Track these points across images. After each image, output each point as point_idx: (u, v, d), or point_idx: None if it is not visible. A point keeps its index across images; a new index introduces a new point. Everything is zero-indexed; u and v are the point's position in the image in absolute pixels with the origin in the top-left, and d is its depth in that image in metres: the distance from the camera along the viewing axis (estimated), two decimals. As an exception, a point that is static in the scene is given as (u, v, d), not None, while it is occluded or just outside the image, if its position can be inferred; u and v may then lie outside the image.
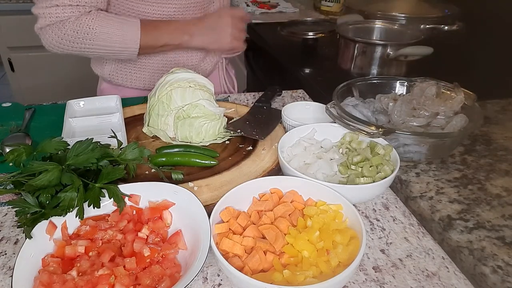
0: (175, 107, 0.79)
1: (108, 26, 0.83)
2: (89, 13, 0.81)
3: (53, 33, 0.82)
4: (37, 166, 0.56)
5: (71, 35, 0.81)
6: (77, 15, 0.80)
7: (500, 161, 0.79)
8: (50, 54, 0.91)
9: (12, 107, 0.96)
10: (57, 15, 0.79)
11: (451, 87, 0.83)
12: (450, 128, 0.75)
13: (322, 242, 0.53)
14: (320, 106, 0.89)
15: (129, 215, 0.58)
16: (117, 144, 0.68)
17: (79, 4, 0.80)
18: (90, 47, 0.84)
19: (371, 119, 0.81)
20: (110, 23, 0.83)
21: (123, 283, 0.48)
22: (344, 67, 1.26)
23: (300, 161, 0.70)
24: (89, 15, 0.81)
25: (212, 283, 0.53)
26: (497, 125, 0.93)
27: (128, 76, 1.05)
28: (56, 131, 0.79)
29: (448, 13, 1.38)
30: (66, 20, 0.80)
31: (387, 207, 0.68)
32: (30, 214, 0.54)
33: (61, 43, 0.83)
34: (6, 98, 1.83)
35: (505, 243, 0.59)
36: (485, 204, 0.68)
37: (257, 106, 0.93)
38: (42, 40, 0.85)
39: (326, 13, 2.00)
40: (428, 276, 0.55)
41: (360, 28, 1.30)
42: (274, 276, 0.49)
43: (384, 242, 0.61)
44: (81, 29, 0.80)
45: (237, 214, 0.58)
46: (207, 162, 0.73)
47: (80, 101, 0.92)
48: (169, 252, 0.53)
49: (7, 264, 0.55)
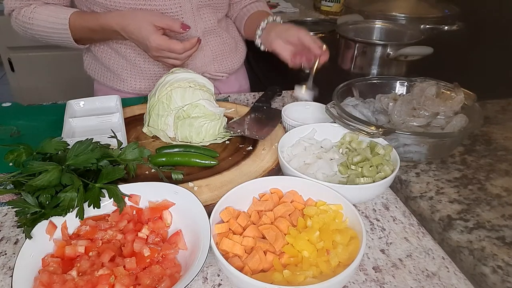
0: (175, 107, 0.79)
1: (43, 14, 0.90)
2: (30, 5, 0.91)
3: (12, 21, 0.95)
4: (37, 166, 0.56)
5: (18, 23, 0.93)
6: (20, 6, 0.92)
7: (500, 161, 0.79)
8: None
9: (12, 107, 0.96)
10: (7, 7, 0.93)
11: (451, 87, 0.83)
12: (450, 128, 0.75)
13: (322, 242, 0.53)
14: (320, 106, 0.89)
15: (129, 215, 0.58)
16: (117, 144, 0.68)
17: None
18: (34, 33, 0.93)
19: (371, 119, 0.81)
20: (46, 11, 0.90)
21: (123, 283, 0.48)
22: (344, 67, 1.26)
23: (300, 161, 0.70)
24: (30, 7, 0.91)
25: (212, 283, 0.53)
26: (497, 125, 0.93)
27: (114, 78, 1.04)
28: (56, 131, 0.79)
29: (448, 13, 1.38)
30: (13, 10, 0.93)
31: (387, 207, 0.68)
32: (30, 214, 0.54)
33: (17, 29, 0.95)
34: (6, 98, 1.83)
35: (505, 243, 0.59)
36: (485, 204, 0.68)
37: (257, 106, 0.93)
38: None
39: (326, 13, 2.00)
40: (428, 276, 0.55)
41: (360, 28, 1.30)
42: (274, 276, 0.49)
43: (384, 242, 0.61)
44: (22, 18, 0.91)
45: (237, 214, 0.58)
46: (207, 162, 0.73)
47: (80, 101, 0.92)
48: (169, 252, 0.53)
49: (7, 264, 0.55)
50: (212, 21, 1.03)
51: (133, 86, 1.03)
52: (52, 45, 1.02)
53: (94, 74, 1.08)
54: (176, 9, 0.94)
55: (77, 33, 0.91)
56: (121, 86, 1.04)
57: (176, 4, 0.94)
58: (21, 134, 0.85)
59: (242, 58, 1.17)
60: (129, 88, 1.03)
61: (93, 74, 1.08)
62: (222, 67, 1.09)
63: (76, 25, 0.89)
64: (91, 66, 1.08)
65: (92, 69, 1.08)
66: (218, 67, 1.08)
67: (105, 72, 1.05)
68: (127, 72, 1.02)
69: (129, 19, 0.85)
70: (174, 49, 0.83)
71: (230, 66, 1.11)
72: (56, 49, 2.25)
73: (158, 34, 0.83)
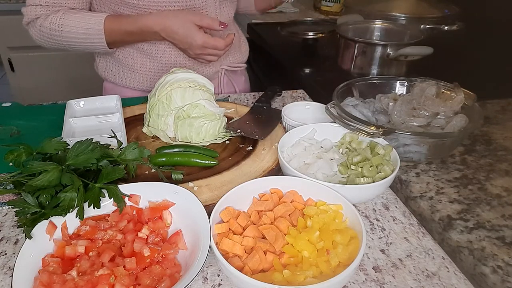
0: (175, 107, 0.79)
1: (73, 20, 0.89)
2: (57, 11, 0.89)
3: (33, 30, 0.92)
4: (37, 166, 0.56)
5: (43, 31, 0.90)
6: (46, 13, 0.89)
7: (500, 161, 0.79)
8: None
9: (12, 107, 0.96)
10: (31, 14, 0.89)
11: (451, 87, 0.83)
12: (450, 128, 0.75)
13: (322, 242, 0.53)
14: (320, 106, 0.89)
15: (129, 215, 0.58)
16: (117, 144, 0.68)
17: (48, 3, 0.89)
18: (63, 40, 0.91)
19: (371, 119, 0.81)
20: (75, 17, 0.89)
21: (123, 283, 0.48)
22: (344, 67, 1.26)
23: (300, 161, 0.70)
24: (57, 13, 0.89)
25: (212, 283, 0.53)
26: (497, 125, 0.93)
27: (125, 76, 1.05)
28: (56, 131, 0.79)
29: (448, 13, 1.38)
30: (37, 18, 0.90)
31: (387, 207, 0.68)
32: (30, 214, 0.54)
33: (40, 38, 0.92)
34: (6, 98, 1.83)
35: (505, 243, 0.59)
36: (485, 204, 0.68)
37: (257, 106, 0.93)
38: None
39: (326, 13, 2.00)
40: (428, 276, 0.55)
41: (360, 28, 1.30)
42: (274, 276, 0.49)
43: (384, 242, 0.61)
44: (50, 25, 0.88)
45: (237, 214, 0.58)
46: (207, 162, 0.73)
47: (80, 101, 0.92)
48: (169, 252, 0.53)
49: (7, 264, 0.55)
50: (230, 14, 1.08)
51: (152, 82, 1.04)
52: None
53: (110, 76, 1.07)
54: (202, 4, 0.97)
55: (111, 37, 0.91)
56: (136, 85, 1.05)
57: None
58: (21, 134, 0.85)
59: (247, 52, 1.21)
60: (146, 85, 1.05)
61: (109, 76, 1.07)
62: (236, 60, 1.13)
63: (112, 28, 0.90)
64: (107, 68, 1.07)
65: (108, 71, 1.07)
66: (232, 60, 1.12)
67: (124, 72, 1.05)
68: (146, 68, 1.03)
69: (170, 19, 0.88)
70: (217, 46, 0.90)
71: (242, 57, 1.16)
72: (56, 49, 2.25)
73: (202, 33, 0.89)
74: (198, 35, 0.88)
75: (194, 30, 0.88)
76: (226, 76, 1.13)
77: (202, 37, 0.88)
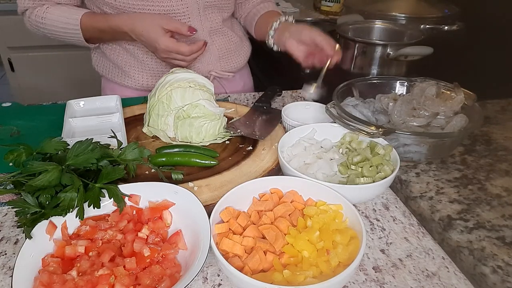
0: (175, 107, 0.79)
1: (56, 14, 0.93)
2: (43, 5, 0.94)
3: (25, 19, 0.98)
4: (37, 166, 0.56)
5: (31, 22, 0.96)
6: (33, 6, 0.94)
7: (500, 161, 0.79)
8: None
9: (12, 107, 0.96)
10: (21, 6, 0.96)
11: (451, 87, 0.83)
12: (450, 128, 0.75)
13: (322, 242, 0.53)
14: (320, 106, 0.89)
15: (129, 215, 0.58)
16: (117, 144, 0.68)
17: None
18: (47, 32, 0.96)
19: (371, 119, 0.81)
20: (58, 12, 0.93)
21: (123, 283, 0.48)
22: (344, 67, 1.26)
23: (300, 161, 0.70)
24: (43, 7, 0.94)
25: (212, 283, 0.53)
26: (497, 125, 0.93)
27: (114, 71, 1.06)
28: (56, 131, 0.79)
29: (448, 13, 1.38)
30: (26, 10, 0.96)
31: (387, 207, 0.68)
32: (30, 214, 0.54)
33: (30, 27, 0.98)
34: (6, 98, 1.83)
35: (505, 243, 0.59)
36: (485, 204, 0.68)
37: (257, 106, 0.93)
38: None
39: (326, 13, 2.00)
40: (428, 276, 0.55)
41: (360, 28, 1.30)
42: (274, 276, 0.49)
43: (384, 242, 0.61)
44: (35, 18, 0.94)
45: (237, 214, 0.58)
46: (207, 162, 0.73)
47: (80, 101, 0.92)
48: (169, 252, 0.53)
49: (7, 264, 0.55)
50: (218, 20, 1.04)
51: (141, 82, 1.05)
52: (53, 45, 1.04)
53: (102, 71, 1.10)
54: (183, 10, 0.96)
55: (87, 33, 0.94)
56: (128, 83, 1.05)
57: (183, 5, 0.95)
58: (21, 134, 0.85)
59: (247, 56, 1.18)
60: (136, 84, 1.05)
61: (101, 70, 1.10)
62: (228, 66, 1.10)
63: (87, 25, 0.92)
64: (100, 63, 1.10)
65: (100, 66, 1.10)
66: (224, 66, 1.09)
67: (113, 68, 1.07)
68: (135, 69, 1.04)
69: (138, 21, 0.88)
70: (181, 51, 0.87)
71: (236, 64, 1.12)
72: (57, 49, 2.25)
73: (166, 37, 0.87)
74: (161, 38, 0.86)
75: (160, 34, 0.86)
76: (217, 81, 1.11)
77: (165, 41, 0.86)
